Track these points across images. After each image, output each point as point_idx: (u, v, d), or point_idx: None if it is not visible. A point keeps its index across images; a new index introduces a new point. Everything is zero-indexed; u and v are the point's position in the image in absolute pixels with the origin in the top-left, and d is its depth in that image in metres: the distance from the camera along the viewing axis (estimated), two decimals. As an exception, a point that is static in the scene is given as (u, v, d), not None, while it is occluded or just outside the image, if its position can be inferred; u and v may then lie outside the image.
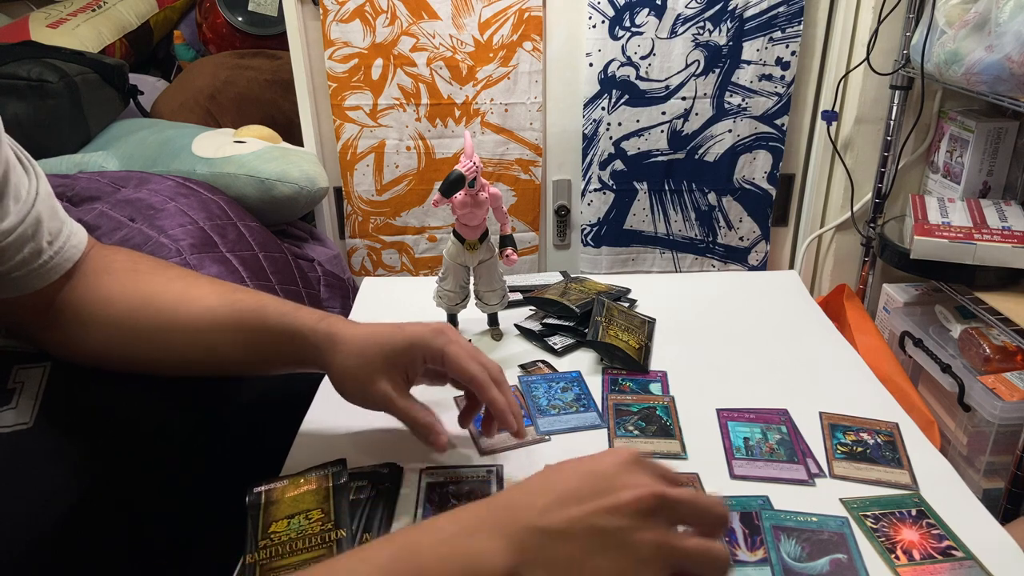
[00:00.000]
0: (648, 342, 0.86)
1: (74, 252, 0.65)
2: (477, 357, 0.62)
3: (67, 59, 1.48)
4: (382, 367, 0.61)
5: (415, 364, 0.62)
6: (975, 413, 1.15)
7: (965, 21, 1.14)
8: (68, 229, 0.65)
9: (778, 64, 1.47)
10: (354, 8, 1.44)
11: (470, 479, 0.65)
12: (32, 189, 0.61)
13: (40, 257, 0.62)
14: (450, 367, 0.61)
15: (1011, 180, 1.34)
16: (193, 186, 1.21)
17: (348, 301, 1.32)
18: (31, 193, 0.61)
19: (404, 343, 0.61)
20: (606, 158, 1.55)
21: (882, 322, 1.45)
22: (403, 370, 0.62)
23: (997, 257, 1.14)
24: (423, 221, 1.63)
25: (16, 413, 0.62)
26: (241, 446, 0.72)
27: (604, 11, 1.44)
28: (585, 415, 0.74)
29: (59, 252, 0.63)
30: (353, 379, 0.62)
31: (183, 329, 0.65)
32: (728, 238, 1.63)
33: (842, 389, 0.78)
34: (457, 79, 1.50)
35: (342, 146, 1.55)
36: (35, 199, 0.61)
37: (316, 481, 0.62)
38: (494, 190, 0.82)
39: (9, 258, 0.59)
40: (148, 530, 0.67)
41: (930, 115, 1.42)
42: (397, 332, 0.62)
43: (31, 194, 0.61)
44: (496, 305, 0.87)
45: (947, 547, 0.57)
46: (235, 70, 1.70)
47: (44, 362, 0.66)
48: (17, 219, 0.59)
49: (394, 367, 0.61)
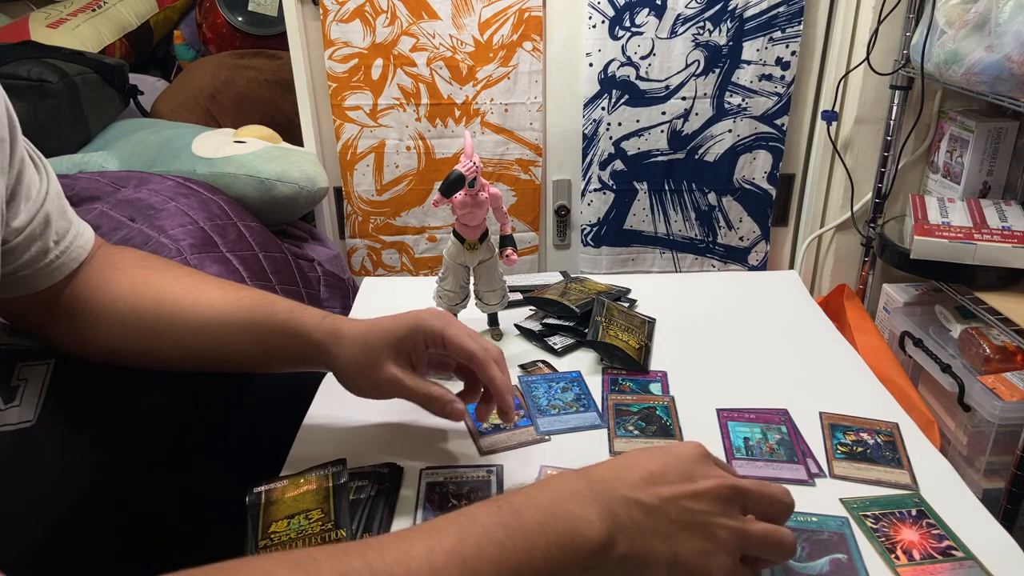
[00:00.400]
0: (648, 342, 0.86)
1: (80, 252, 0.65)
2: (476, 338, 0.63)
3: (67, 59, 1.48)
4: (387, 353, 0.62)
5: (418, 348, 0.63)
6: (975, 413, 1.15)
7: (965, 21, 1.14)
8: (75, 229, 0.66)
9: (778, 64, 1.47)
10: (354, 8, 1.44)
11: (470, 479, 0.65)
12: (42, 188, 0.62)
13: (46, 256, 0.62)
14: (450, 346, 0.62)
15: (1011, 180, 1.34)
16: (193, 186, 1.21)
17: (348, 301, 1.32)
18: (41, 192, 0.61)
19: (405, 328, 0.62)
20: (606, 158, 1.55)
21: (882, 322, 1.45)
22: (407, 355, 0.63)
23: (997, 257, 1.14)
24: (423, 221, 1.63)
25: (20, 411, 0.62)
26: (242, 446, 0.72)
27: (604, 11, 1.44)
28: (585, 415, 0.74)
29: (65, 252, 0.64)
30: (360, 370, 0.63)
31: (190, 323, 0.65)
32: (728, 238, 1.63)
33: (842, 389, 0.78)
34: (457, 79, 1.50)
35: (342, 146, 1.55)
36: (45, 198, 0.61)
37: (316, 481, 0.62)
38: (494, 190, 0.82)
39: (17, 257, 0.60)
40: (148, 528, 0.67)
41: (930, 115, 1.42)
42: (398, 319, 0.63)
43: (41, 193, 0.61)
44: (496, 305, 0.87)
45: (947, 547, 0.57)
46: (235, 70, 1.70)
47: (48, 359, 0.66)
48: (27, 218, 0.59)
49: (399, 353, 0.62)
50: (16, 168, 0.58)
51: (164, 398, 0.70)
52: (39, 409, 0.63)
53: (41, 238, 0.61)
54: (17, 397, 0.63)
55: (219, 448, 0.73)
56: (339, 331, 0.63)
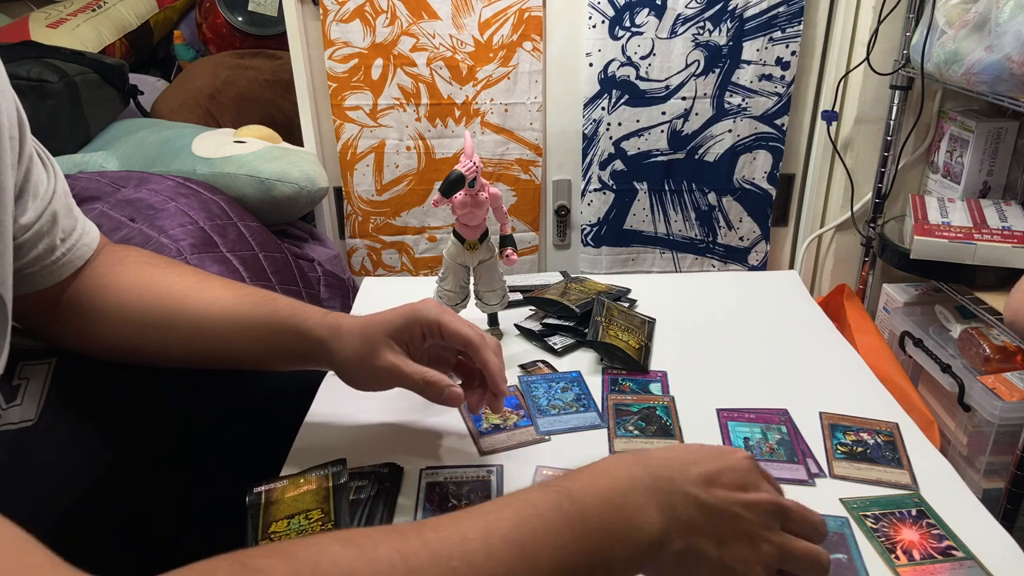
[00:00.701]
0: (648, 342, 0.86)
1: (85, 250, 0.66)
2: (473, 327, 0.64)
3: (67, 59, 1.48)
4: (384, 343, 0.62)
5: (415, 338, 0.63)
6: (975, 413, 1.15)
7: (965, 21, 1.14)
8: (81, 227, 0.66)
9: (778, 64, 1.47)
10: (354, 8, 1.44)
11: (470, 479, 0.65)
12: (50, 186, 0.62)
13: (53, 253, 0.63)
14: (447, 333, 0.62)
15: (1011, 180, 1.34)
16: (193, 186, 1.21)
17: (348, 301, 1.32)
18: (49, 190, 0.62)
19: (403, 318, 0.63)
20: (606, 158, 1.55)
21: (882, 322, 1.45)
22: (405, 345, 0.63)
23: (997, 257, 1.14)
24: (423, 221, 1.63)
25: (21, 410, 0.62)
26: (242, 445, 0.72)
27: (604, 11, 1.44)
28: (585, 415, 0.74)
29: (71, 249, 0.64)
30: (359, 361, 0.63)
31: (194, 320, 0.66)
32: (728, 238, 1.63)
33: (842, 389, 0.78)
34: (457, 79, 1.50)
35: (342, 146, 1.55)
36: (52, 196, 0.62)
37: (316, 481, 0.62)
38: (494, 190, 0.82)
39: (25, 254, 0.60)
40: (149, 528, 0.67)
41: (930, 115, 1.42)
42: (396, 310, 0.64)
43: (49, 191, 0.62)
44: (496, 305, 0.87)
45: (947, 547, 0.57)
46: (235, 70, 1.70)
47: (49, 358, 0.66)
48: (35, 215, 0.60)
49: (397, 342, 0.63)
50: (24, 165, 0.59)
51: (165, 398, 0.70)
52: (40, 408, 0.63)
53: (48, 235, 0.62)
54: (19, 396, 0.63)
55: (219, 448, 0.73)
56: (339, 326, 0.64)
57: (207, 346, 0.67)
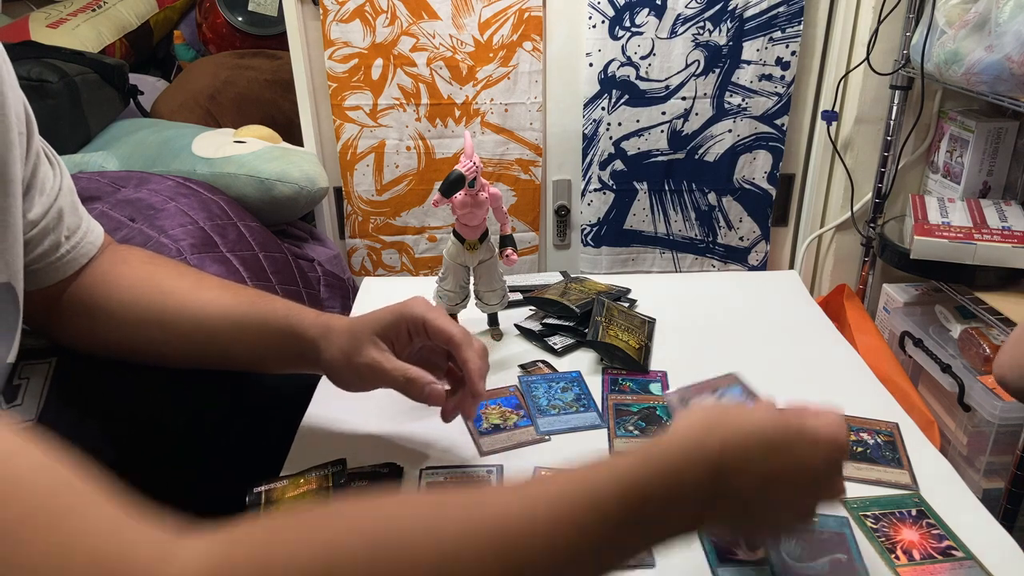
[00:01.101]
0: (648, 342, 0.86)
1: (90, 248, 0.66)
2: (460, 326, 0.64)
3: (67, 59, 1.48)
4: (370, 340, 0.63)
5: (401, 336, 0.64)
6: (975, 413, 1.15)
7: (965, 21, 1.14)
8: (86, 226, 0.67)
9: (778, 64, 1.47)
10: (354, 8, 1.44)
11: (470, 479, 0.65)
12: (56, 184, 0.63)
13: (58, 251, 0.63)
14: (431, 331, 0.63)
15: (1011, 180, 1.34)
16: (193, 186, 1.21)
17: (348, 301, 1.32)
18: (55, 187, 0.63)
19: (388, 317, 0.63)
20: (606, 158, 1.55)
21: (882, 322, 1.45)
22: (390, 343, 0.63)
23: (997, 257, 1.14)
24: (423, 221, 1.63)
25: (22, 410, 0.62)
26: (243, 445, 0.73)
27: (604, 11, 1.44)
28: (585, 415, 0.74)
29: (76, 247, 0.65)
30: (345, 359, 0.63)
31: (193, 319, 0.66)
32: (728, 238, 1.63)
33: (842, 389, 0.78)
34: (457, 79, 1.50)
35: (342, 146, 1.55)
36: (58, 193, 0.63)
37: (316, 481, 0.62)
38: (494, 190, 0.82)
39: (31, 250, 0.61)
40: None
41: (930, 115, 1.42)
42: (385, 309, 0.64)
43: (55, 188, 0.63)
44: (496, 305, 0.87)
45: (947, 547, 0.57)
46: (235, 70, 1.70)
47: (49, 358, 0.66)
48: (42, 211, 0.61)
49: (382, 339, 0.63)
50: (32, 162, 0.60)
51: (165, 398, 0.70)
52: (40, 408, 0.63)
53: (54, 232, 0.62)
54: (19, 396, 0.63)
55: (220, 447, 0.73)
56: (330, 325, 0.64)
57: (205, 346, 0.67)
